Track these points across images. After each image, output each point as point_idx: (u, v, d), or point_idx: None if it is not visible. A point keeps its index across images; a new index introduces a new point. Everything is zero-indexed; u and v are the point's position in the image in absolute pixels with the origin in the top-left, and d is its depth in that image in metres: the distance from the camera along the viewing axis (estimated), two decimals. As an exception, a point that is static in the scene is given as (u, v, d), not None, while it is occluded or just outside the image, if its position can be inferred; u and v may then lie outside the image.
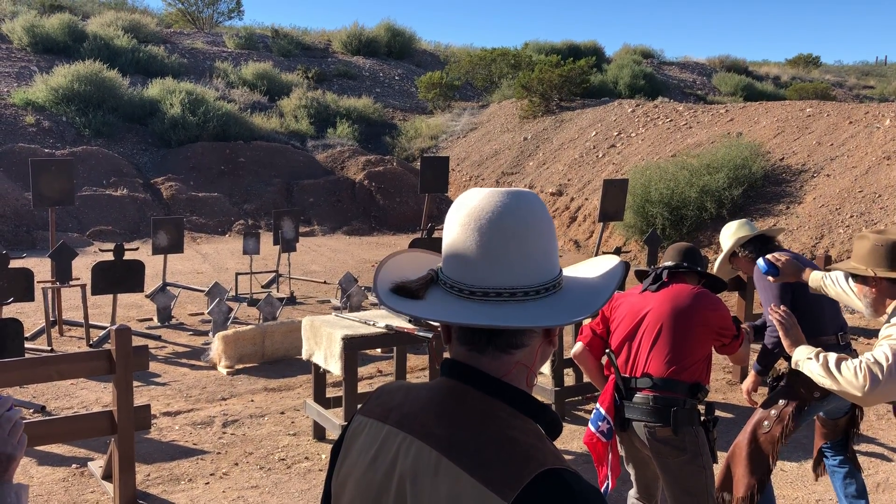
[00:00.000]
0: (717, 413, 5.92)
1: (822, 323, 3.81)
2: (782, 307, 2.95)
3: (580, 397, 6.11)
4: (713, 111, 16.73)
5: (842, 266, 2.96)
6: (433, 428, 1.11)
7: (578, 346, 3.38)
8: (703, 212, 12.04)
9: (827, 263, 7.03)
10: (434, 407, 1.14)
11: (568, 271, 1.25)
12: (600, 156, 16.53)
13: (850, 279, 3.04)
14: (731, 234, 4.08)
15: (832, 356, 2.60)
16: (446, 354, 1.22)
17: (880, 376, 2.44)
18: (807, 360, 2.68)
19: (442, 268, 1.18)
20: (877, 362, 2.47)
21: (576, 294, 1.19)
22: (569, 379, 6.15)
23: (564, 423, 5.63)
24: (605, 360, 3.35)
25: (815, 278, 3.36)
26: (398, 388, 1.24)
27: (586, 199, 14.97)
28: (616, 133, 17.25)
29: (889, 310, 2.78)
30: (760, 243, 3.97)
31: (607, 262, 1.27)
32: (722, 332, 3.18)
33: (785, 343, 2.84)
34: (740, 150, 12.87)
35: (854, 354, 3.38)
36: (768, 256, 3.55)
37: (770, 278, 3.51)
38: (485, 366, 1.14)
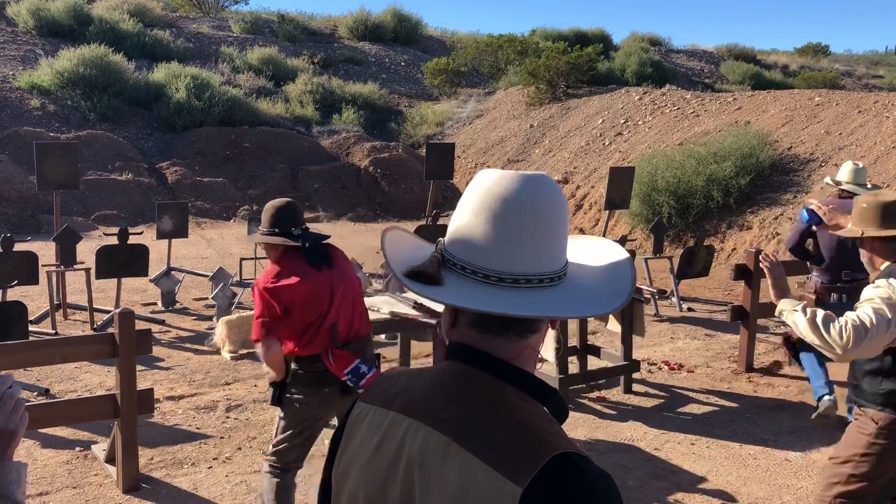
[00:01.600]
0: (722, 402, 5.91)
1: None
2: (773, 254, 3.03)
3: (584, 385, 6.09)
4: (721, 99, 16.62)
5: (841, 232, 3.05)
6: (441, 412, 1.09)
7: (273, 345, 3.36)
8: (709, 200, 11.98)
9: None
10: (441, 391, 1.12)
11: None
12: (607, 143, 16.45)
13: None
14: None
15: (820, 312, 2.72)
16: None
17: (863, 337, 2.59)
18: (793, 311, 2.80)
19: (454, 252, 1.15)
20: (862, 324, 2.61)
21: (590, 279, 1.19)
22: (573, 366, 6.13)
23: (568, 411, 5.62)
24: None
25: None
26: (400, 374, 1.21)
27: (592, 186, 14.92)
28: (623, 121, 17.16)
29: (881, 267, 2.84)
30: None
31: (604, 245, 1.27)
32: None
33: (772, 292, 2.94)
34: (748, 138, 12.78)
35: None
36: (812, 205, 3.70)
37: (814, 227, 3.70)
38: (498, 349, 1.12)
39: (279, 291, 3.33)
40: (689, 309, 8.92)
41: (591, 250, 1.26)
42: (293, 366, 3.48)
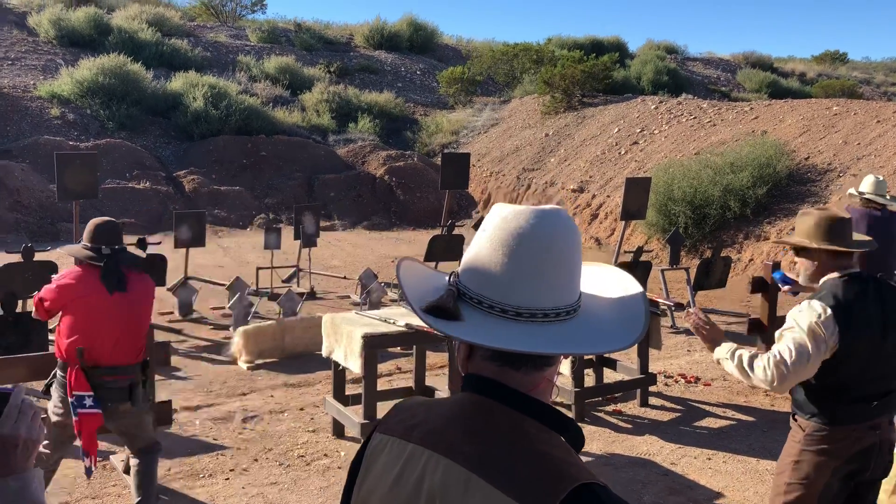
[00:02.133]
0: (739, 416, 5.87)
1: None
2: (697, 310, 3.13)
3: (600, 398, 6.07)
4: (738, 109, 16.55)
5: (789, 240, 3.11)
6: (461, 445, 1.10)
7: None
8: (726, 211, 11.93)
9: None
10: (460, 423, 1.13)
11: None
12: (622, 153, 16.42)
13: (795, 255, 3.16)
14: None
15: (745, 355, 2.84)
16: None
17: (786, 373, 2.71)
18: (725, 359, 2.92)
19: (470, 285, 1.16)
20: (782, 360, 2.72)
21: (604, 311, 1.20)
22: (589, 380, 6.12)
23: (584, 425, 5.61)
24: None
25: None
26: (418, 404, 1.23)
27: (608, 196, 14.89)
28: (639, 130, 17.13)
29: (821, 281, 2.93)
30: None
31: (616, 275, 1.28)
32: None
33: (706, 345, 3.04)
34: (765, 148, 12.73)
35: None
36: (783, 271, 3.80)
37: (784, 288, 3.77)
38: (515, 381, 1.13)
39: (53, 290, 3.72)
40: (706, 320, 8.86)
41: (603, 280, 1.28)
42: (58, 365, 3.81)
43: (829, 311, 2.75)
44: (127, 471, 4.55)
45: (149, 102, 18.61)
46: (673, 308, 8.56)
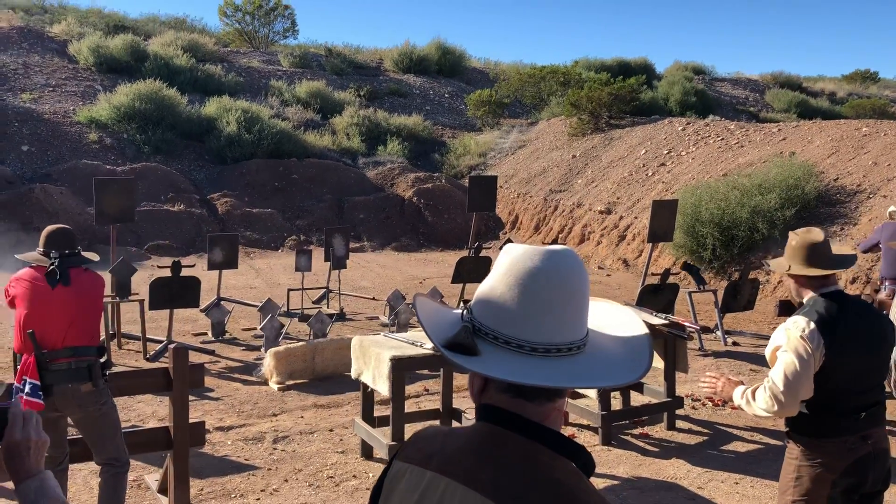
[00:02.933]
0: (767, 440, 5.86)
1: None
2: (707, 376, 3.28)
3: (627, 421, 6.09)
4: (765, 130, 16.49)
5: (770, 263, 3.24)
6: (478, 473, 1.16)
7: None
8: (754, 232, 11.88)
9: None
10: (476, 452, 1.19)
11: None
12: (650, 174, 16.42)
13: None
14: None
15: (749, 391, 3.00)
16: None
17: (782, 398, 2.85)
18: (740, 403, 3.07)
19: (485, 321, 1.22)
20: (776, 385, 2.87)
21: (611, 346, 1.27)
22: (616, 402, 6.14)
23: (611, 448, 5.63)
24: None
25: None
26: (435, 433, 1.29)
27: (636, 217, 14.88)
28: (666, 151, 17.12)
29: (805, 299, 3.05)
30: None
31: (620, 313, 1.35)
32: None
33: (724, 396, 3.20)
34: (793, 169, 12.67)
35: None
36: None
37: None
38: (528, 411, 1.19)
39: (9, 283, 4.11)
40: (734, 343, 8.84)
41: (606, 315, 1.35)
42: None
43: (812, 324, 2.86)
44: (162, 490, 4.68)
45: (183, 127, 19.03)
46: (700, 332, 8.55)
